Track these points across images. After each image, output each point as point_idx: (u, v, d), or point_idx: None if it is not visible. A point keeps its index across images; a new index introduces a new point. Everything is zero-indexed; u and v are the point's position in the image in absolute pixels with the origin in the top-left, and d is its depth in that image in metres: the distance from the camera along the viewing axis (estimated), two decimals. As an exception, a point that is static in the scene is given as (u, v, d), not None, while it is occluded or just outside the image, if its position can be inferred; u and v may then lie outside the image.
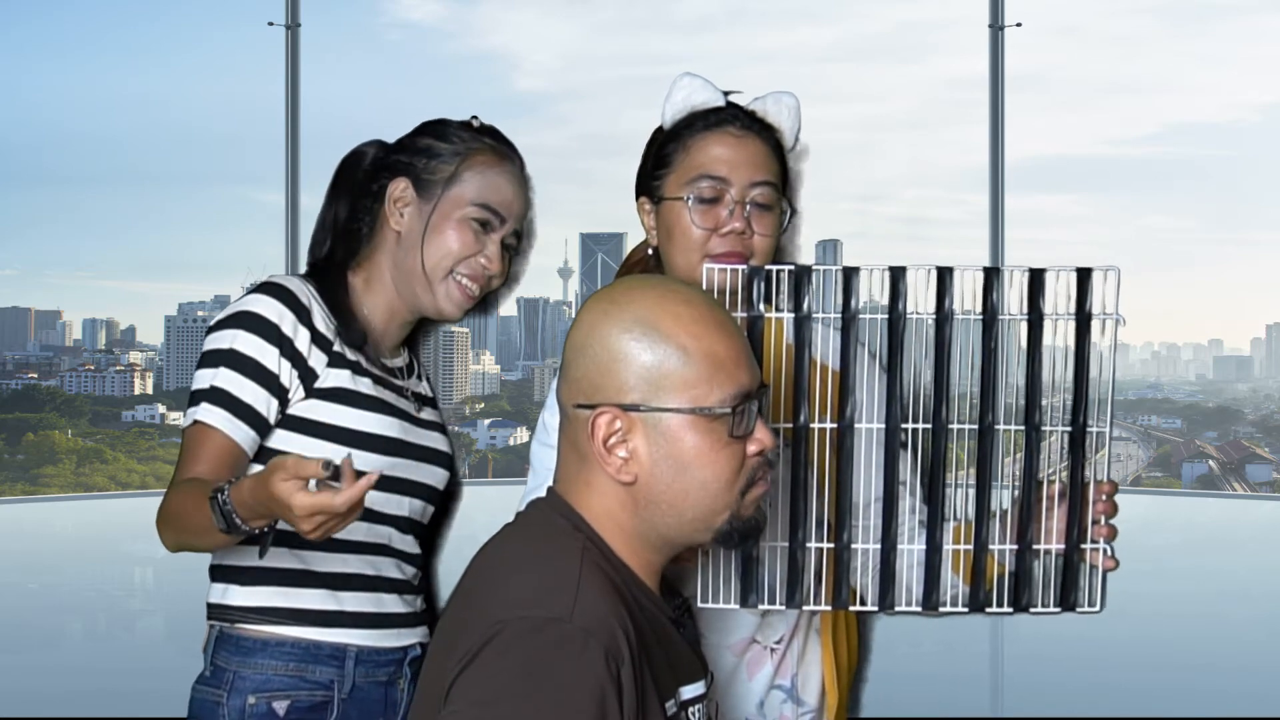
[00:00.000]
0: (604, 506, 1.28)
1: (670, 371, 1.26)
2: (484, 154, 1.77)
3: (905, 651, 5.02)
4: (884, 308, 1.52)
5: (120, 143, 15.75)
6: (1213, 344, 18.83)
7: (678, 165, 1.69)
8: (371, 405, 1.75)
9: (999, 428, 1.52)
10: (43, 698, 4.94)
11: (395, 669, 1.79)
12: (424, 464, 1.82)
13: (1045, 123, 13.10)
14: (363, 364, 1.76)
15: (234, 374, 1.69)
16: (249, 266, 5.24)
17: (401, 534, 1.80)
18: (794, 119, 1.73)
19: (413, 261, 1.76)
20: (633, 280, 1.32)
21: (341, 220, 1.82)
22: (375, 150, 1.83)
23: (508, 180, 1.78)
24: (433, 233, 1.75)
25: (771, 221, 1.68)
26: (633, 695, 1.18)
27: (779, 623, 1.70)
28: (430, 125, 1.80)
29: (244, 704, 1.69)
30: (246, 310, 1.71)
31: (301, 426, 1.72)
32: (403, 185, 1.77)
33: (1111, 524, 1.56)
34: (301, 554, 1.73)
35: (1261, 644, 5.96)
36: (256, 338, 1.70)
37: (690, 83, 1.71)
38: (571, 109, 21.75)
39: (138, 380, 18.76)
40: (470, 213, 1.75)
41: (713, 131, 1.68)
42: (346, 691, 1.73)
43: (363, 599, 1.76)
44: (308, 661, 1.72)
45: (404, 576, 1.81)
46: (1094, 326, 1.52)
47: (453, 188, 1.76)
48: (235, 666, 1.71)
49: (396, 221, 1.77)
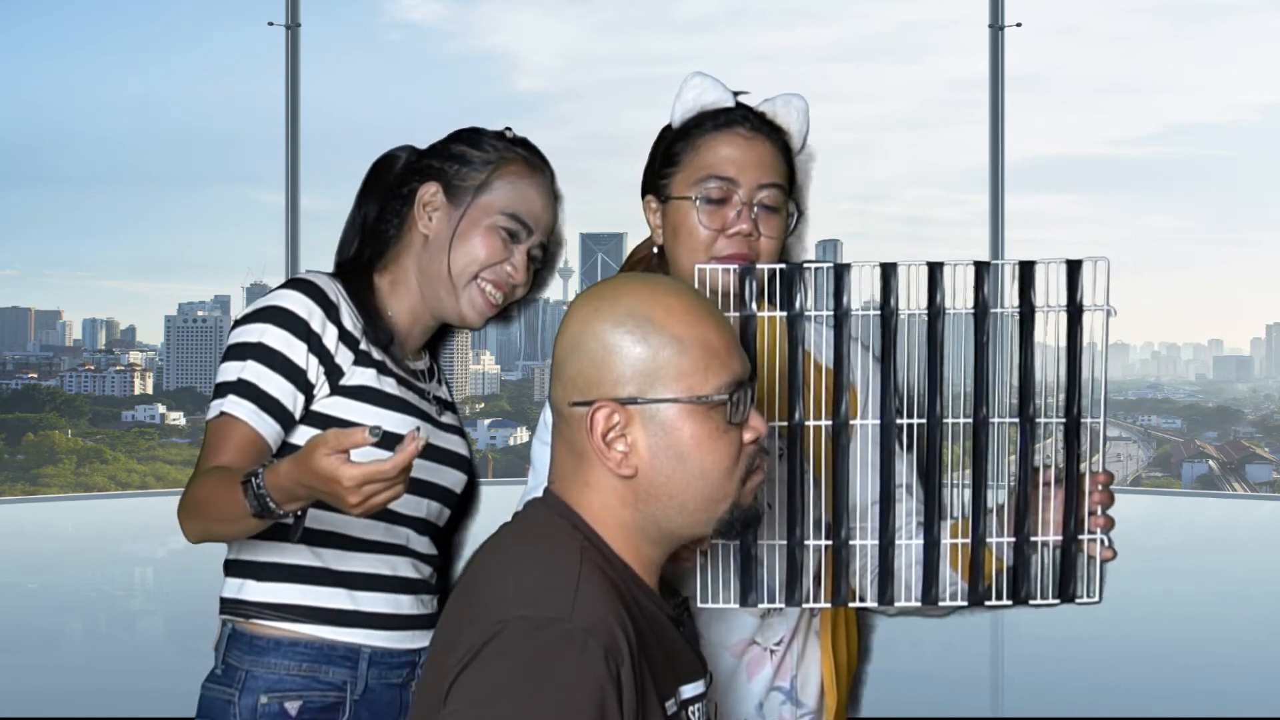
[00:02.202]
0: (603, 503, 1.28)
1: (665, 362, 1.26)
2: (516, 164, 1.78)
3: (905, 651, 5.02)
4: (877, 304, 1.52)
5: (120, 143, 15.73)
6: (1213, 344, 18.76)
7: (686, 164, 1.69)
8: (395, 405, 1.76)
9: (993, 421, 1.53)
10: (43, 698, 4.95)
11: (409, 671, 1.79)
12: (443, 466, 1.83)
13: (1045, 123, 13.10)
14: (388, 364, 1.77)
15: (261, 367, 1.69)
16: (249, 266, 5.22)
17: (419, 535, 1.81)
18: (803, 121, 1.73)
19: (439, 266, 1.77)
20: (620, 278, 1.33)
21: (370, 221, 1.82)
22: (407, 155, 1.84)
23: (538, 192, 1.79)
24: (460, 238, 1.76)
25: (778, 224, 1.68)
26: (632, 695, 1.19)
27: (779, 624, 1.71)
28: (464, 133, 1.81)
29: (256, 703, 1.70)
30: (276, 305, 1.72)
31: (325, 423, 1.72)
32: (433, 189, 1.78)
33: (1108, 514, 1.56)
34: (320, 551, 1.73)
35: (1261, 644, 5.96)
36: (285, 332, 1.70)
37: (701, 82, 1.71)
38: (571, 109, 21.83)
39: (138, 380, 18.70)
40: (499, 221, 1.76)
41: (722, 132, 1.68)
42: (359, 693, 1.74)
43: (379, 599, 1.76)
44: (321, 662, 1.72)
45: (420, 576, 1.81)
46: (1085, 318, 1.52)
47: (483, 195, 1.76)
48: (248, 665, 1.71)
49: (425, 225, 1.78)
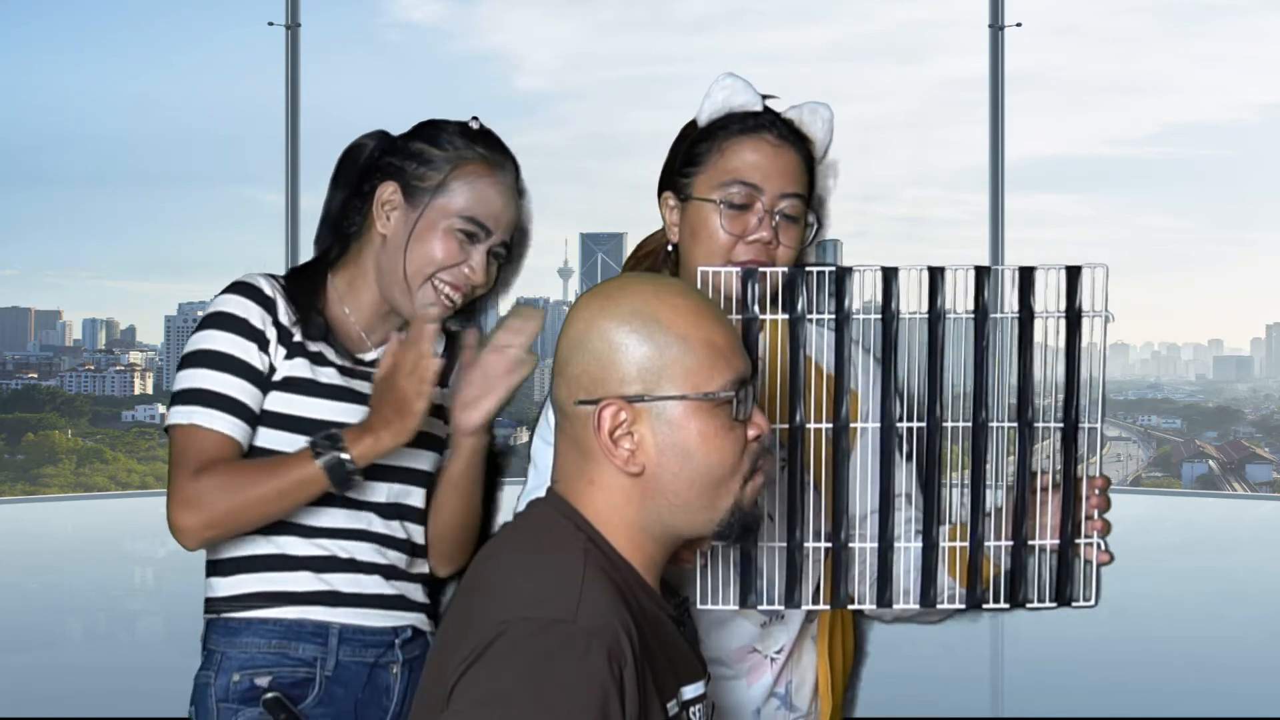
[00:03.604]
0: (608, 501, 1.28)
1: (671, 360, 1.27)
2: (475, 164, 1.77)
3: (905, 652, 5.01)
4: (878, 307, 1.52)
5: (120, 143, 15.68)
6: (1213, 344, 18.70)
7: (710, 166, 1.67)
8: (334, 394, 1.76)
9: (992, 425, 1.53)
10: (43, 698, 4.95)
11: (384, 650, 1.79)
12: (406, 448, 1.78)
13: (1045, 123, 13.04)
14: (326, 355, 1.77)
15: (218, 373, 1.71)
16: (249, 267, 5.27)
17: (384, 519, 1.79)
18: (827, 132, 1.72)
19: (394, 266, 1.76)
20: (624, 277, 1.34)
21: (333, 215, 1.83)
22: (375, 142, 1.83)
23: (497, 192, 1.77)
24: (416, 240, 1.75)
25: (797, 234, 1.67)
26: (635, 696, 1.19)
27: (780, 632, 1.70)
28: (426, 129, 1.80)
29: (229, 682, 1.72)
30: (218, 311, 1.74)
31: (266, 419, 1.74)
32: (391, 189, 1.77)
33: (1105, 518, 1.56)
34: (276, 539, 1.75)
35: (1261, 644, 5.96)
36: (232, 335, 1.72)
37: (732, 83, 1.69)
38: (571, 109, 21.71)
39: (138, 380, 18.67)
40: (456, 224, 1.75)
41: (750, 136, 1.67)
42: (331, 669, 1.75)
43: (343, 579, 1.77)
44: (290, 639, 1.74)
45: (385, 561, 1.79)
46: (1084, 324, 1.52)
47: (440, 197, 1.75)
48: (223, 648, 1.74)
49: (383, 225, 1.77)
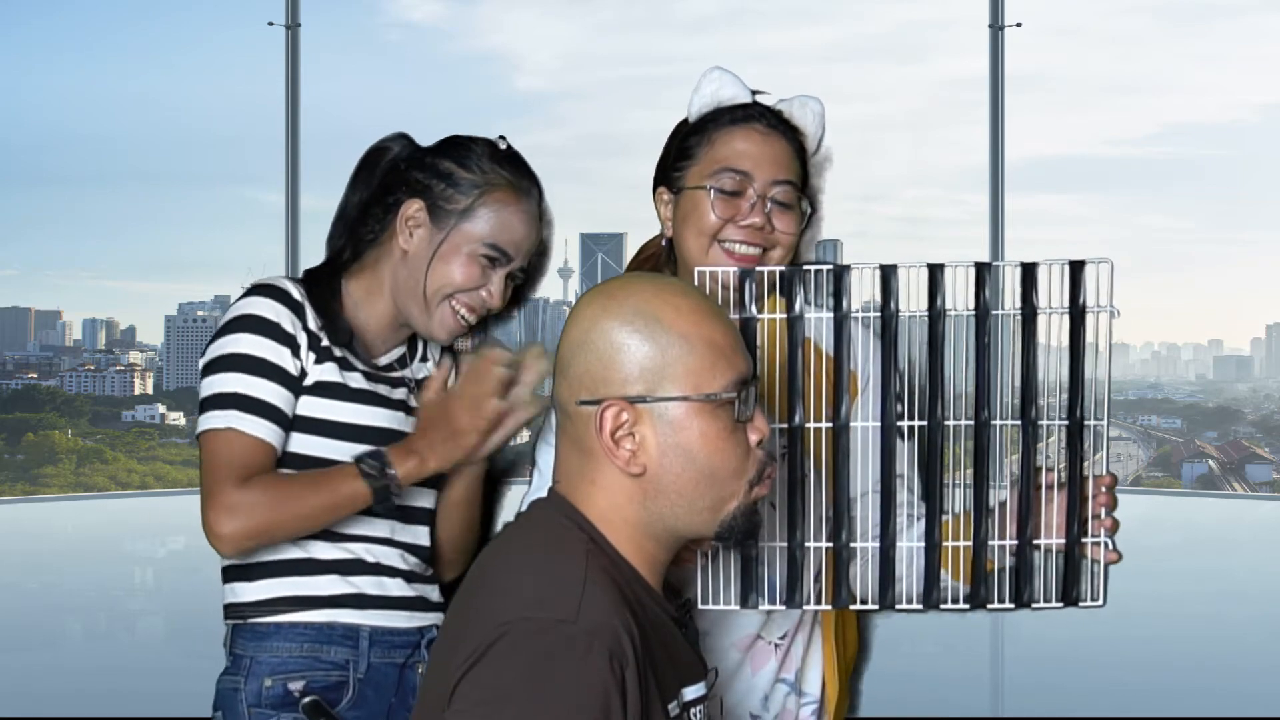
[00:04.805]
0: (610, 501, 1.28)
1: (673, 360, 1.26)
2: (502, 190, 1.76)
3: (905, 651, 5.02)
4: (877, 305, 1.52)
5: (120, 143, 15.72)
6: (1213, 344, 18.76)
7: (701, 157, 1.69)
8: (363, 398, 1.76)
9: (995, 423, 1.52)
10: (43, 698, 4.94)
11: (412, 651, 1.79)
12: None
13: (1045, 123, 13.06)
14: (350, 360, 1.77)
15: (251, 377, 1.70)
16: (249, 266, 5.23)
17: (405, 525, 1.80)
18: (818, 124, 1.73)
19: (414, 283, 1.76)
20: (626, 277, 1.33)
21: (352, 218, 1.82)
22: (399, 148, 1.82)
23: (521, 220, 1.77)
24: (439, 261, 1.75)
25: (792, 220, 1.68)
26: (636, 697, 1.18)
27: (783, 619, 1.72)
28: (455, 147, 1.79)
29: (260, 687, 1.72)
30: (248, 313, 1.73)
31: (298, 424, 1.73)
32: (416, 206, 1.77)
33: (1113, 517, 1.55)
34: (306, 544, 1.74)
35: (1261, 644, 5.95)
36: (263, 338, 1.71)
37: (720, 77, 1.71)
38: (571, 109, 21.69)
39: (138, 380, 18.71)
40: (479, 249, 1.75)
41: (739, 126, 1.68)
42: (363, 672, 1.75)
43: (369, 582, 1.77)
44: (322, 642, 1.73)
45: (407, 567, 1.81)
46: (1088, 320, 1.51)
47: (466, 222, 1.75)
48: (252, 652, 1.73)
49: (405, 240, 1.77)
